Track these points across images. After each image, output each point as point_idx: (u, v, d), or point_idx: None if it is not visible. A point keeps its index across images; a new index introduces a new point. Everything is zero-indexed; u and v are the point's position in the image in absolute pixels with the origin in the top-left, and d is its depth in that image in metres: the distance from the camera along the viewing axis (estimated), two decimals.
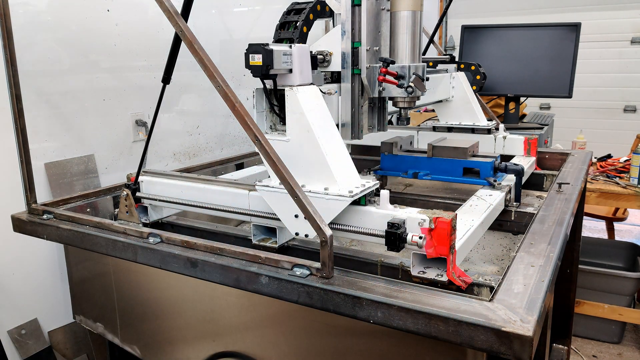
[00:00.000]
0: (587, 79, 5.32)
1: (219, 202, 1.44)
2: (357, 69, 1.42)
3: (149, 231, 1.37)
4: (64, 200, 1.69)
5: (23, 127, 1.57)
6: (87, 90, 2.12)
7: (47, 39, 1.98)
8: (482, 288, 1.10)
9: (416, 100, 1.51)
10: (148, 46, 2.32)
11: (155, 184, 1.58)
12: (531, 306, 0.95)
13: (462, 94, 2.24)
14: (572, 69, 3.02)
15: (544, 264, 1.14)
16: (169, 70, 1.49)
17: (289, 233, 1.29)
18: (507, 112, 3.25)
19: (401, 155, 1.88)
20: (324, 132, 1.22)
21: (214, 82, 1.16)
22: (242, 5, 2.88)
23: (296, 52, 1.21)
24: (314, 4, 1.42)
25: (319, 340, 1.19)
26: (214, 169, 2.20)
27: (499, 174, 1.76)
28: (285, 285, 1.10)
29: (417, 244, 1.08)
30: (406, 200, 1.88)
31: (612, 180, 2.90)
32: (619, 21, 5.34)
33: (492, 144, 2.20)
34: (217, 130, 2.78)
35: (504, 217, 1.68)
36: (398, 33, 1.45)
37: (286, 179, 1.10)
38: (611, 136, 5.42)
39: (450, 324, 0.93)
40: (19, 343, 2.00)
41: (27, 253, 2.00)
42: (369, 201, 1.21)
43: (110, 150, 2.23)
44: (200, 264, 1.23)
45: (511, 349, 0.87)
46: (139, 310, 1.54)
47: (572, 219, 1.56)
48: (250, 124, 1.14)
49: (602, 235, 4.34)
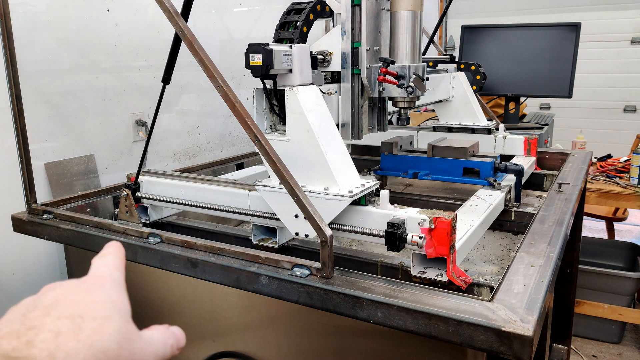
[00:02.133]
0: (587, 79, 5.32)
1: (219, 202, 1.44)
2: (357, 69, 1.42)
3: (149, 231, 1.37)
4: (64, 200, 1.69)
5: (23, 127, 1.57)
6: (87, 90, 2.12)
7: (47, 39, 1.98)
8: (482, 288, 1.10)
9: (416, 100, 1.51)
10: (148, 46, 2.32)
11: (155, 184, 1.58)
12: (531, 306, 0.95)
13: (462, 94, 2.24)
14: (572, 69, 3.02)
15: (544, 264, 1.14)
16: (169, 70, 1.49)
17: (289, 233, 1.29)
18: (507, 112, 3.25)
19: (401, 155, 1.88)
20: (324, 132, 1.22)
21: (214, 82, 1.16)
22: (242, 5, 2.88)
23: (296, 52, 1.21)
24: (314, 4, 1.42)
25: (319, 340, 1.19)
26: (214, 169, 2.20)
27: (499, 174, 1.76)
28: (285, 285, 1.10)
29: (417, 244, 1.08)
30: (406, 200, 1.88)
31: (612, 180, 2.90)
32: (619, 21, 5.34)
33: (492, 144, 2.20)
34: (217, 130, 2.78)
35: (504, 217, 1.68)
36: (398, 33, 1.45)
37: (286, 179, 1.10)
38: (611, 136, 5.42)
39: (450, 324, 0.93)
40: None
41: (27, 253, 2.00)
42: (369, 201, 1.21)
43: (110, 150, 2.23)
44: (200, 264, 1.23)
45: (511, 349, 0.87)
46: (139, 310, 1.53)
47: (572, 219, 1.56)
48: (250, 124, 1.14)
49: (602, 235, 4.34)
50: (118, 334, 0.38)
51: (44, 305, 0.38)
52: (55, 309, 0.38)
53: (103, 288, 0.42)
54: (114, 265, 0.46)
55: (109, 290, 0.42)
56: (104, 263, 0.47)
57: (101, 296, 0.41)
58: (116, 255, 0.48)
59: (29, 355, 0.33)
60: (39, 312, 0.37)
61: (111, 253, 0.48)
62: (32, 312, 0.37)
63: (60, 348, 0.34)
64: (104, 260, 0.47)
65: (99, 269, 0.46)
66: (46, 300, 0.39)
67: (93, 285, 0.42)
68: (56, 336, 0.35)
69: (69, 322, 0.36)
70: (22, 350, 0.33)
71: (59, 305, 0.38)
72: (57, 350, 0.34)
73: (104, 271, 0.45)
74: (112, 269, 0.46)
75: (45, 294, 0.40)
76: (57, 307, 0.38)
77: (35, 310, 0.38)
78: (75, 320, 0.37)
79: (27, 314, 0.37)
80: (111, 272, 0.45)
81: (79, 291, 0.40)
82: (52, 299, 0.39)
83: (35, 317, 0.37)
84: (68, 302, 0.39)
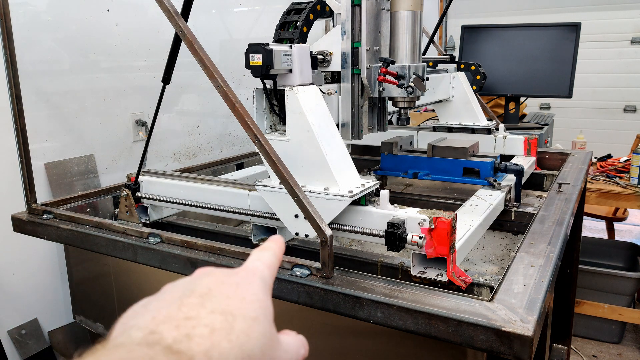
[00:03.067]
0: (587, 79, 5.32)
1: (219, 202, 1.44)
2: (357, 69, 1.42)
3: (149, 231, 1.37)
4: (64, 200, 1.69)
5: (23, 127, 1.57)
6: (87, 90, 2.12)
7: (47, 39, 1.98)
8: (482, 288, 1.10)
9: (416, 100, 1.50)
10: (148, 46, 2.32)
11: (155, 184, 1.58)
12: (531, 306, 0.95)
13: (462, 94, 2.24)
14: (572, 69, 3.02)
15: (544, 264, 1.14)
16: (169, 70, 1.49)
17: (289, 233, 1.28)
18: (507, 112, 3.25)
19: (401, 155, 1.88)
20: (324, 132, 1.22)
21: (214, 82, 1.16)
22: (242, 5, 2.88)
23: (296, 52, 1.21)
24: (314, 4, 1.42)
25: (319, 340, 1.19)
26: (214, 169, 2.20)
27: (499, 174, 1.76)
28: (285, 285, 1.10)
29: (417, 244, 1.08)
30: (406, 200, 1.88)
31: (612, 180, 2.90)
32: (619, 21, 5.34)
33: (492, 144, 2.20)
34: (217, 130, 2.78)
35: (504, 217, 1.68)
36: (398, 33, 1.45)
37: (286, 179, 1.10)
38: (611, 136, 5.42)
39: (450, 324, 0.93)
40: (19, 343, 2.00)
41: (27, 253, 2.00)
42: (369, 201, 1.21)
43: (110, 150, 2.23)
44: (200, 264, 1.23)
45: (511, 349, 0.87)
46: None
47: (572, 219, 1.56)
48: (250, 124, 1.14)
49: (602, 235, 4.34)
50: (263, 337, 0.37)
51: (200, 294, 0.37)
52: (209, 300, 0.37)
53: (251, 286, 0.41)
54: (268, 263, 0.46)
55: (256, 289, 0.41)
56: (259, 257, 0.46)
57: (250, 294, 0.40)
58: (274, 253, 0.48)
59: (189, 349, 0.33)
60: (195, 300, 0.37)
61: (270, 249, 0.48)
62: (188, 297, 0.37)
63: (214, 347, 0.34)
64: (261, 254, 0.47)
65: (253, 262, 0.45)
66: (201, 287, 0.38)
67: (243, 279, 0.41)
68: (211, 333, 0.34)
69: (222, 319, 0.35)
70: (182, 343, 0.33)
71: (212, 296, 0.37)
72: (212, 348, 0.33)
73: (257, 266, 0.44)
74: (265, 266, 0.45)
75: (200, 279, 0.40)
76: (211, 298, 0.37)
77: (191, 296, 0.37)
78: (228, 317, 0.36)
79: (183, 299, 0.37)
80: (262, 269, 0.44)
81: (231, 284, 0.40)
82: (206, 287, 0.38)
83: (192, 306, 0.36)
84: (221, 296, 0.38)
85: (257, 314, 0.38)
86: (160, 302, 0.38)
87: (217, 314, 0.36)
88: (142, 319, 0.35)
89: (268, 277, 0.44)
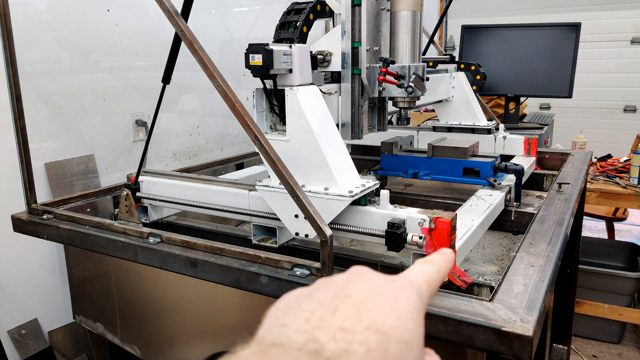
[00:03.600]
0: (587, 79, 5.32)
1: (219, 202, 1.44)
2: (357, 69, 1.42)
3: (149, 231, 1.37)
4: (64, 200, 1.69)
5: (23, 127, 1.57)
6: (87, 90, 2.12)
7: (47, 39, 1.98)
8: (482, 288, 1.10)
9: (416, 100, 1.51)
10: (148, 46, 2.32)
11: (155, 184, 1.58)
12: (531, 306, 0.95)
13: (462, 94, 2.24)
14: (572, 69, 3.02)
15: (544, 264, 1.14)
16: (169, 70, 1.49)
17: (289, 233, 1.29)
18: (507, 112, 3.25)
19: (401, 155, 1.88)
20: (324, 132, 1.22)
21: (214, 82, 1.16)
22: (242, 5, 2.88)
23: (296, 52, 1.21)
24: (314, 4, 1.42)
25: None
26: (214, 169, 2.20)
27: (499, 174, 1.76)
28: (285, 285, 1.10)
29: (417, 244, 1.08)
30: (406, 200, 1.88)
31: (612, 180, 2.90)
32: (619, 21, 5.34)
33: (492, 144, 2.20)
34: (217, 130, 2.78)
35: (504, 217, 1.68)
36: (398, 33, 1.45)
37: (286, 179, 1.10)
38: (611, 136, 5.42)
39: (450, 324, 0.93)
40: (19, 343, 2.00)
41: (27, 253, 2.00)
42: (369, 201, 1.21)
43: (110, 150, 2.23)
44: (200, 264, 1.23)
45: (511, 349, 0.87)
46: (139, 310, 1.54)
47: (572, 219, 1.56)
48: (250, 124, 1.14)
49: (602, 235, 4.34)
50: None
51: (354, 302, 0.35)
52: (364, 312, 0.35)
53: (407, 302, 0.38)
54: (429, 279, 0.42)
55: (412, 306, 0.38)
56: (421, 270, 0.42)
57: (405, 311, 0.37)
58: (439, 269, 0.44)
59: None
60: (350, 308, 0.35)
61: (436, 264, 0.44)
62: (343, 302, 0.35)
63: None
64: (424, 267, 0.43)
65: (414, 274, 0.42)
66: (356, 293, 0.36)
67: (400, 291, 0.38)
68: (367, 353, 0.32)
69: (377, 339, 0.33)
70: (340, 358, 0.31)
71: (367, 309, 0.35)
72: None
73: (416, 279, 0.41)
74: (425, 281, 0.41)
75: (355, 282, 0.38)
76: (367, 311, 0.35)
77: (346, 301, 0.35)
78: (383, 338, 0.33)
79: (338, 303, 0.35)
80: (421, 283, 0.41)
81: (387, 296, 0.37)
82: (361, 295, 0.36)
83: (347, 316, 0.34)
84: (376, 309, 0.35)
85: (410, 338, 0.35)
86: (314, 301, 0.36)
87: (372, 332, 0.34)
88: (297, 319, 0.34)
89: (425, 295, 0.41)
